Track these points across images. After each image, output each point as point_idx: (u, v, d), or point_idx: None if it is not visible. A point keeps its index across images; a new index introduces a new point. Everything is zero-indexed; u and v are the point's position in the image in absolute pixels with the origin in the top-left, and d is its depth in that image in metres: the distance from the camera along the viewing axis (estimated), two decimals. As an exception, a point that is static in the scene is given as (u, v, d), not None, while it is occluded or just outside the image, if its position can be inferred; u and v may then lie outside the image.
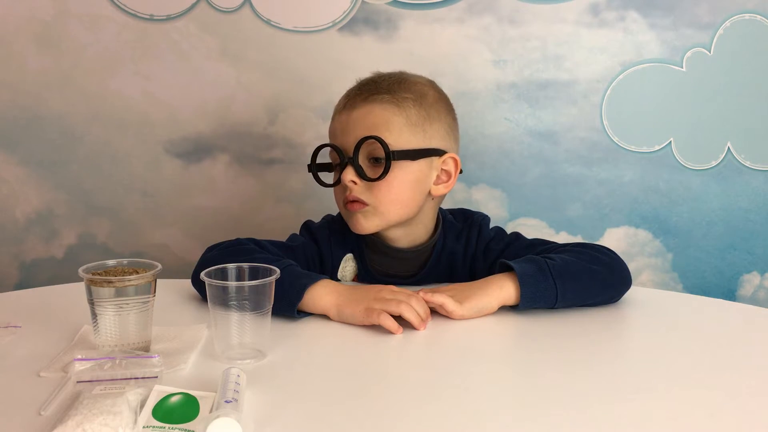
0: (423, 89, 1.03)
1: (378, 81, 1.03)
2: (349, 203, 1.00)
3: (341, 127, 1.02)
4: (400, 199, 1.00)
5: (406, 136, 0.99)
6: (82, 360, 0.66)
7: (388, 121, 0.99)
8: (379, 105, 0.99)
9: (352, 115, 1.01)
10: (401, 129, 0.99)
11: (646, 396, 0.67)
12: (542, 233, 1.42)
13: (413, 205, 1.02)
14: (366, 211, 1.00)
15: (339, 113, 1.04)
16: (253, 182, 1.44)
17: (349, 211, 1.01)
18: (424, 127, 1.00)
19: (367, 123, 0.99)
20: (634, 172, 1.42)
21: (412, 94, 1.01)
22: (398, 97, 1.00)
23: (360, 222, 1.01)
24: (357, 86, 1.05)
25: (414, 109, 1.00)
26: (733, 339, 0.86)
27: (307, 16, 1.38)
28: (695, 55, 1.38)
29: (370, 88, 1.02)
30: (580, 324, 0.89)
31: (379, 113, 0.99)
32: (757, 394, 0.69)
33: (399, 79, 1.03)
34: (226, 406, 0.58)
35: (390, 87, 1.01)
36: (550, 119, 1.40)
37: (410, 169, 0.99)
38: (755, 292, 1.46)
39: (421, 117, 1.00)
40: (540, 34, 1.38)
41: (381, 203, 0.99)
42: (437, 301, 0.88)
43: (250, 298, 0.74)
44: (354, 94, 1.03)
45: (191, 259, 0.99)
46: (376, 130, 0.98)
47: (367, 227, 1.01)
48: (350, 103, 1.02)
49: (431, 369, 0.76)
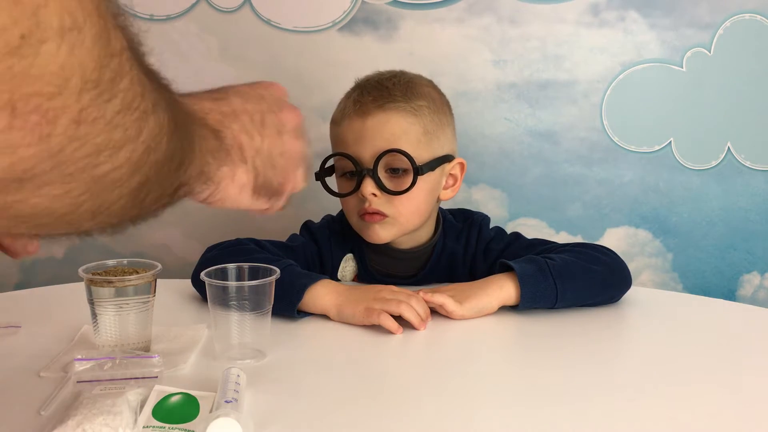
0: (431, 93, 1.01)
1: (388, 86, 0.99)
2: (368, 215, 0.99)
3: (354, 135, 0.98)
4: (419, 210, 1.00)
5: (423, 146, 0.98)
6: (82, 360, 0.66)
7: (406, 132, 0.97)
8: (395, 114, 0.97)
9: (367, 124, 0.97)
10: (419, 139, 0.97)
11: (646, 396, 0.67)
12: (542, 233, 1.42)
13: (428, 214, 1.03)
14: (385, 222, 0.99)
15: (349, 119, 1.00)
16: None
17: (366, 222, 1.00)
18: (437, 134, 0.99)
19: (385, 134, 0.96)
20: (634, 172, 1.42)
21: (425, 101, 0.99)
22: (414, 105, 0.97)
23: (377, 232, 1.00)
24: (364, 90, 1.00)
25: (429, 116, 0.98)
26: (733, 339, 0.86)
27: (307, 16, 1.38)
28: (695, 55, 1.38)
29: (383, 94, 0.98)
30: (580, 324, 0.89)
31: (396, 123, 0.97)
32: (757, 394, 0.69)
33: (407, 83, 1.00)
34: (226, 406, 0.58)
35: (404, 93, 0.98)
36: (550, 119, 1.40)
37: (429, 179, 0.99)
38: (755, 292, 1.46)
39: (435, 124, 0.99)
40: (540, 34, 1.38)
41: (401, 215, 0.99)
42: (437, 301, 0.88)
43: (250, 298, 0.75)
44: (365, 99, 0.99)
45: (191, 259, 0.99)
46: (396, 141, 0.96)
47: (384, 237, 1.00)
48: (362, 109, 0.98)
49: (431, 369, 0.76)
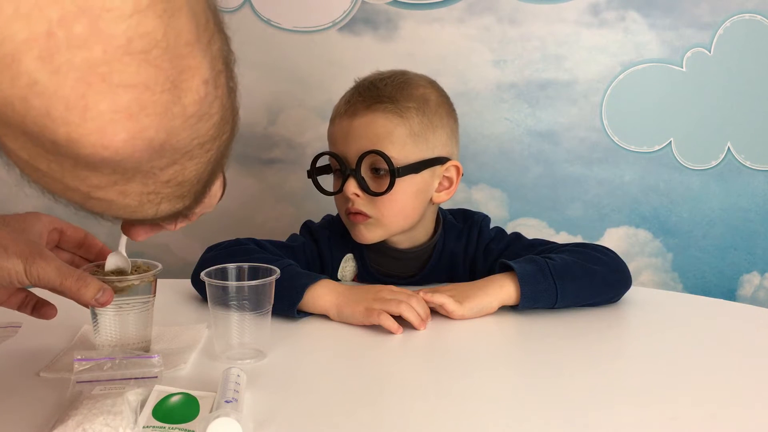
0: (425, 93, 1.01)
1: (379, 86, 1.00)
2: (352, 215, 1.00)
3: (342, 134, 1.00)
4: (404, 212, 1.00)
5: (409, 148, 0.97)
6: (82, 360, 0.66)
7: (390, 133, 0.97)
8: (381, 114, 0.97)
9: (354, 124, 0.98)
10: (404, 141, 0.97)
11: (646, 396, 0.67)
12: (542, 233, 1.42)
13: (416, 215, 1.02)
14: (369, 223, 1.00)
15: (339, 118, 1.01)
16: (253, 182, 1.44)
17: (352, 222, 1.01)
18: (426, 136, 0.99)
19: (369, 134, 0.97)
20: (634, 172, 1.42)
21: (414, 103, 0.98)
22: (401, 107, 0.97)
23: (363, 233, 1.01)
24: (357, 90, 1.02)
25: (417, 118, 0.98)
26: (733, 339, 0.86)
27: (307, 16, 1.38)
28: (695, 55, 1.38)
29: (372, 95, 0.99)
30: (580, 324, 0.89)
31: (381, 124, 0.97)
32: (757, 394, 0.69)
33: (400, 84, 1.00)
34: (226, 406, 0.58)
35: (392, 94, 0.98)
36: (550, 119, 1.40)
37: (413, 181, 0.99)
38: (755, 292, 1.46)
39: (424, 126, 0.98)
40: (540, 34, 1.38)
41: (384, 216, 0.99)
42: (437, 301, 0.88)
43: (250, 298, 0.75)
44: (355, 99, 1.00)
45: (191, 259, 0.99)
46: (379, 142, 0.96)
47: (369, 238, 1.01)
48: (351, 109, 0.99)
49: (431, 369, 0.76)
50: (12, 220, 0.68)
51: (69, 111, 0.30)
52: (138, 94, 0.31)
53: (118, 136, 0.32)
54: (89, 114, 0.31)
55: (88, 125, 0.31)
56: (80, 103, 0.30)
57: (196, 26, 0.33)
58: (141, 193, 0.38)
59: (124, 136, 0.32)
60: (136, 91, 0.31)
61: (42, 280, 0.62)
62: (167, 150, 0.35)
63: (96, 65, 0.30)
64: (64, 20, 0.28)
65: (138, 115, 0.32)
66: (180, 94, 0.33)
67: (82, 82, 0.30)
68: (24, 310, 0.70)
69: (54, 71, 0.29)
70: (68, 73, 0.29)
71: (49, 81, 0.29)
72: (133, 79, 0.31)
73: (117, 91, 0.31)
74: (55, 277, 0.62)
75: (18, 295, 0.70)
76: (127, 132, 0.32)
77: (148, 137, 0.33)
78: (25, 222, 0.68)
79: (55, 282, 0.62)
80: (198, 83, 0.34)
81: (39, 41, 0.28)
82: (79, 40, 0.29)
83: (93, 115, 0.31)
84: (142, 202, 0.40)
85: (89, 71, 0.30)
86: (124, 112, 0.31)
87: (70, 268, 0.64)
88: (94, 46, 0.29)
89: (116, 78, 0.30)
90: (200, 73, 0.34)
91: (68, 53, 0.29)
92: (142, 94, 0.31)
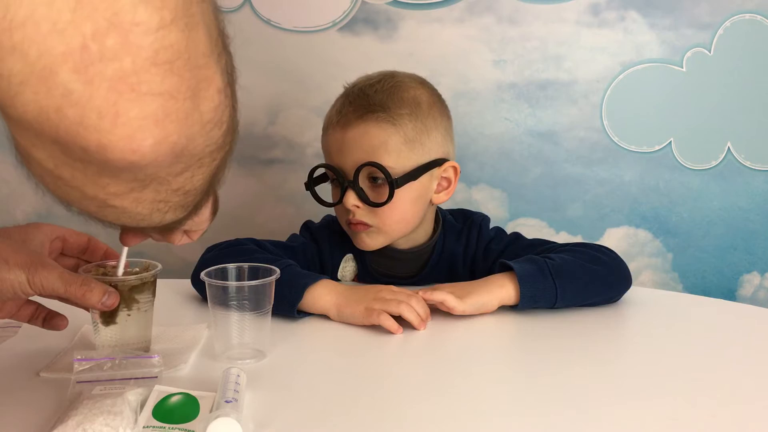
0: (416, 96, 1.00)
1: (369, 93, 0.98)
2: (353, 225, 1.00)
3: (336, 146, 0.99)
4: (405, 219, 1.00)
5: (405, 155, 0.97)
6: (82, 360, 0.66)
7: (385, 143, 0.96)
8: (374, 124, 0.96)
9: (347, 135, 0.97)
10: (400, 148, 0.97)
11: (646, 396, 0.67)
12: (542, 233, 1.42)
13: (416, 220, 1.02)
14: (370, 231, 1.00)
15: (332, 129, 1.00)
16: (253, 182, 1.44)
17: (353, 231, 1.01)
18: (421, 140, 0.98)
19: (364, 145, 0.96)
20: (634, 172, 1.42)
21: (406, 108, 0.97)
22: (393, 114, 0.96)
23: (365, 241, 1.01)
24: (348, 99, 1.00)
25: (411, 123, 0.97)
26: (733, 339, 0.86)
27: (307, 16, 1.38)
28: (695, 55, 1.38)
29: (363, 104, 0.97)
30: (580, 324, 0.89)
31: (375, 134, 0.96)
32: (757, 393, 0.69)
33: (390, 89, 0.99)
34: (226, 406, 0.58)
35: (383, 101, 0.97)
36: (550, 119, 1.40)
37: (412, 188, 0.98)
38: (755, 292, 1.46)
39: (418, 130, 0.98)
40: (540, 34, 1.38)
41: (385, 224, 0.99)
42: (437, 298, 0.88)
43: (250, 298, 0.74)
44: (346, 110, 0.98)
45: (191, 259, 0.99)
46: (374, 153, 0.96)
47: (371, 245, 1.01)
48: (343, 120, 0.98)
49: (431, 369, 0.76)
50: (13, 232, 0.68)
51: (101, 118, 0.32)
52: (164, 101, 0.33)
53: (146, 141, 0.34)
54: (120, 120, 0.33)
55: (119, 131, 0.33)
56: (111, 110, 0.32)
57: (209, 40, 0.35)
58: (153, 200, 0.41)
59: (151, 141, 0.34)
60: (162, 99, 0.33)
61: (46, 289, 0.62)
62: (185, 155, 0.37)
63: (126, 75, 0.32)
64: (97, 34, 0.30)
65: (164, 122, 0.34)
66: (198, 102, 0.35)
67: (113, 92, 0.32)
68: (35, 322, 0.71)
69: (88, 82, 0.31)
70: (101, 83, 0.31)
71: (84, 91, 0.31)
72: (159, 87, 0.33)
73: (145, 99, 0.33)
74: (59, 285, 0.62)
75: (28, 308, 0.70)
76: (154, 137, 0.34)
77: (172, 142, 0.35)
78: (26, 233, 0.68)
79: (59, 289, 0.63)
80: (213, 92, 0.36)
81: (74, 54, 0.30)
82: (111, 53, 0.31)
83: (123, 121, 0.33)
84: (152, 211, 0.42)
85: (120, 81, 0.32)
86: (151, 119, 0.33)
87: (73, 275, 0.64)
88: (125, 58, 0.31)
89: (144, 87, 0.32)
90: (215, 82, 0.36)
91: (101, 65, 0.31)
92: (167, 101, 0.33)
